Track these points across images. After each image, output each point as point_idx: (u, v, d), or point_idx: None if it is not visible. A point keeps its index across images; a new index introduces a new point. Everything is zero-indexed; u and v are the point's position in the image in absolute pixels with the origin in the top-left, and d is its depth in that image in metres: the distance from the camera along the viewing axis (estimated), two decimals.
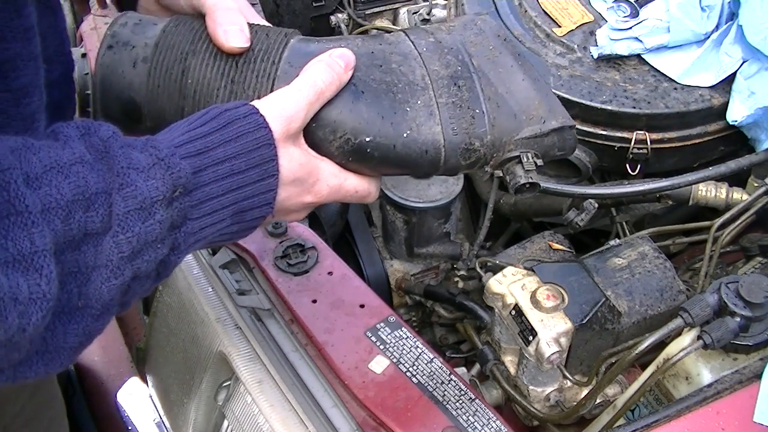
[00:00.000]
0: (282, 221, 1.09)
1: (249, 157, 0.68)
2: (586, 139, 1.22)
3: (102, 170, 0.59)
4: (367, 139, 0.77)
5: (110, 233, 0.59)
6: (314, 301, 1.02)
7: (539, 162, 0.82)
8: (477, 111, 0.80)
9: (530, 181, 0.81)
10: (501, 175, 0.84)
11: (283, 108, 0.72)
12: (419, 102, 0.79)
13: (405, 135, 0.78)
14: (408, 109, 0.79)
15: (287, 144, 0.73)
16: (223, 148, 0.67)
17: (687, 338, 0.93)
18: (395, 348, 0.97)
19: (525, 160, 0.81)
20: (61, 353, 0.58)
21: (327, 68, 0.75)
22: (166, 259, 0.65)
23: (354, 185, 0.79)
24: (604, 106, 1.20)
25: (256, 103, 0.72)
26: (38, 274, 0.53)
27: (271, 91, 0.76)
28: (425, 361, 0.96)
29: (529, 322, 1.02)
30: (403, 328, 0.99)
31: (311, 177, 0.75)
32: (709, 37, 1.22)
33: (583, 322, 1.01)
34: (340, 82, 0.76)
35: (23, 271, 0.52)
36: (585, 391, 1.07)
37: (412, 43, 0.83)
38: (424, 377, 0.94)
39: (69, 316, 0.58)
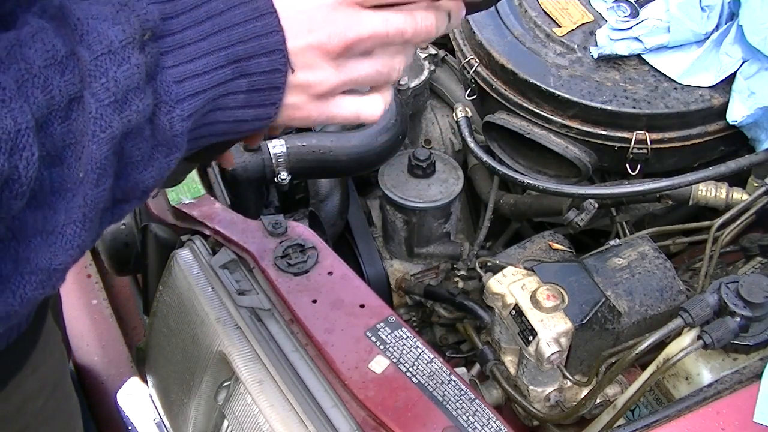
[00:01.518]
0: (281, 222, 1.08)
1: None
2: (586, 139, 1.23)
3: (65, 34, 0.54)
4: None
5: (85, 87, 0.54)
6: (314, 301, 1.02)
7: None
8: None
9: None
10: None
11: None
12: None
13: None
14: None
15: None
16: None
17: (687, 338, 0.93)
18: (395, 348, 0.97)
19: None
20: (66, 231, 0.55)
21: None
22: (155, 118, 0.58)
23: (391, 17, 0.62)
24: (604, 106, 1.20)
25: None
26: (19, 155, 0.50)
27: None
28: (425, 361, 0.96)
29: (529, 322, 1.02)
30: (403, 328, 0.99)
31: (320, 12, 0.61)
32: (709, 37, 1.22)
33: (583, 322, 1.01)
34: None
35: (7, 152, 0.49)
36: (585, 391, 1.07)
37: None
38: (424, 377, 0.94)
39: (72, 191, 0.54)
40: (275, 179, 1.22)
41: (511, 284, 1.06)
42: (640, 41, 1.22)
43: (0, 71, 0.50)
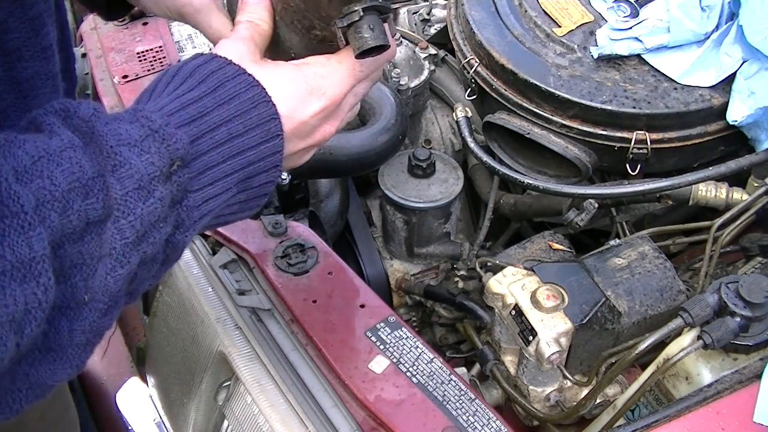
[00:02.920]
0: (281, 222, 1.09)
1: (246, 118, 0.63)
2: (586, 139, 1.22)
3: (93, 153, 0.54)
4: None
5: (111, 219, 0.54)
6: (314, 301, 1.02)
7: None
8: None
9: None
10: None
11: (239, 56, 0.68)
12: None
13: None
14: None
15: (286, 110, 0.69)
16: (218, 112, 0.62)
17: (687, 338, 0.93)
18: (395, 348, 0.97)
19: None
20: (68, 352, 0.54)
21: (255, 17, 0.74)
22: (171, 239, 0.61)
23: (351, 105, 0.75)
24: (604, 106, 1.20)
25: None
26: (35, 282, 0.49)
27: None
28: (425, 361, 0.96)
29: (529, 322, 1.02)
30: (403, 328, 0.99)
31: (305, 126, 0.70)
32: (709, 37, 1.22)
33: (583, 322, 1.01)
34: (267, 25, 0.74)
35: (20, 280, 0.48)
36: (585, 391, 1.07)
37: None
38: (424, 377, 0.94)
39: (75, 311, 0.54)
40: None
41: (511, 284, 1.06)
42: (640, 41, 1.22)
43: (23, 183, 0.49)
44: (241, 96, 0.63)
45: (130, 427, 1.35)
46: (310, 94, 0.69)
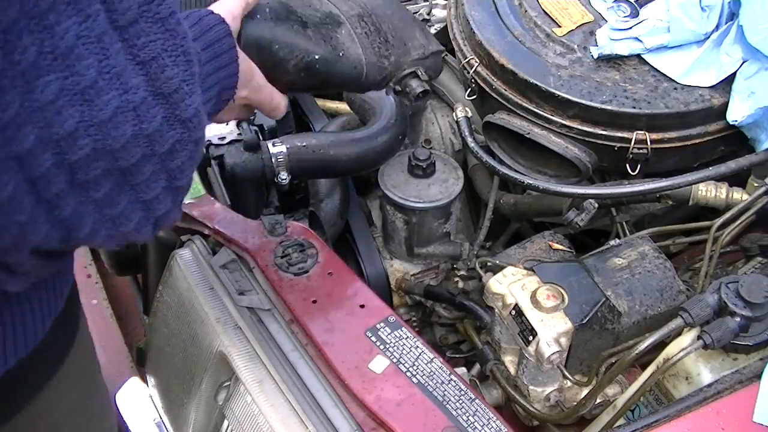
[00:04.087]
0: (281, 222, 1.11)
1: (221, 45, 0.83)
2: (586, 139, 1.22)
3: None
4: (316, 57, 1.02)
5: (197, 65, 0.68)
6: (314, 301, 1.02)
7: (425, 77, 1.11)
8: (381, 40, 1.08)
9: (425, 89, 1.10)
10: (400, 89, 1.11)
11: (228, 9, 0.90)
12: (343, 32, 1.06)
13: (341, 54, 1.04)
14: (338, 36, 1.05)
15: (235, 40, 0.88)
16: (205, 37, 0.82)
17: (687, 338, 0.93)
18: (395, 348, 0.97)
19: (420, 73, 1.10)
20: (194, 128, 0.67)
21: None
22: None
23: (272, 90, 0.95)
24: (604, 106, 1.20)
25: (211, 6, 0.88)
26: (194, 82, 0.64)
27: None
28: (425, 361, 0.96)
29: (529, 322, 1.02)
30: (403, 328, 0.99)
31: (249, 72, 0.90)
32: (709, 37, 1.22)
33: (583, 322, 1.01)
34: None
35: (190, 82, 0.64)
36: (585, 391, 1.07)
37: None
38: (424, 377, 0.94)
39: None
40: (275, 179, 1.22)
41: (511, 284, 1.06)
42: (640, 41, 1.22)
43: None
44: (216, 28, 0.83)
45: (130, 428, 1.35)
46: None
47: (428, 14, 1.66)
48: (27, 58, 0.53)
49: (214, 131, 1.36)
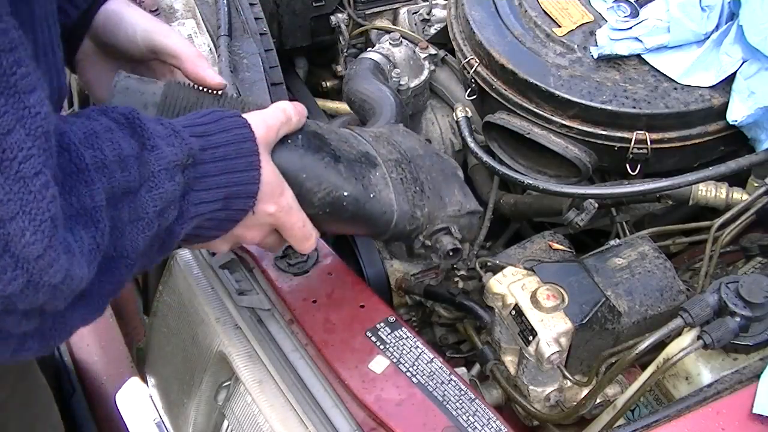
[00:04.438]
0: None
1: (238, 147, 0.79)
2: (586, 139, 1.22)
3: (129, 136, 0.68)
4: (345, 194, 0.93)
5: (144, 188, 0.68)
6: (314, 301, 1.02)
7: (458, 235, 1.02)
8: (417, 189, 1.01)
9: (456, 246, 1.01)
10: (429, 244, 1.03)
11: (263, 118, 0.84)
12: (377, 174, 0.98)
13: (371, 196, 0.96)
14: (371, 177, 0.97)
15: (264, 150, 0.83)
16: (218, 137, 0.78)
17: (687, 338, 0.93)
18: (395, 348, 0.97)
19: (453, 230, 1.02)
20: (95, 300, 0.66)
21: (291, 105, 0.91)
22: (171, 226, 0.73)
23: (304, 217, 0.89)
24: (604, 106, 1.20)
25: (247, 113, 0.84)
26: (95, 227, 0.60)
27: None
28: (425, 361, 0.96)
29: (529, 322, 1.02)
30: (403, 328, 0.99)
31: (279, 187, 0.85)
32: (709, 37, 1.22)
33: (583, 322, 1.01)
34: (299, 119, 0.90)
35: (84, 224, 0.60)
36: (585, 391, 1.07)
37: (358, 134, 1.03)
38: (424, 377, 0.94)
39: (107, 265, 0.65)
40: None
41: (511, 284, 1.06)
42: (640, 41, 1.22)
43: (82, 148, 0.63)
44: (236, 130, 0.79)
45: (130, 428, 1.35)
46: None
47: (428, 14, 1.65)
48: None
49: None
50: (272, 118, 0.85)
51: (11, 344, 0.62)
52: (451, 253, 1.02)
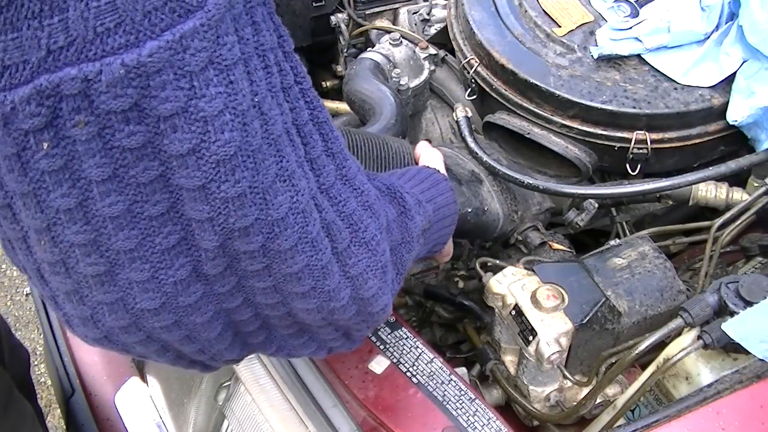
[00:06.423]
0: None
1: (445, 198, 0.96)
2: (586, 139, 1.23)
3: (420, 214, 0.88)
4: (469, 210, 1.15)
5: (405, 248, 0.83)
6: None
7: (543, 231, 1.24)
8: (511, 196, 1.23)
9: (543, 240, 1.23)
10: (521, 239, 1.25)
11: (441, 167, 1.03)
12: (484, 189, 1.21)
13: (486, 209, 1.18)
14: (482, 192, 1.19)
15: None
16: (439, 199, 0.95)
17: (687, 338, 0.93)
18: (395, 348, 0.97)
19: (540, 227, 1.25)
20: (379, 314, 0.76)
21: (438, 151, 1.09)
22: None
23: (450, 239, 1.06)
24: (604, 106, 1.20)
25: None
26: (396, 273, 0.80)
27: None
28: (425, 361, 0.96)
29: (529, 322, 1.02)
30: (403, 328, 0.99)
31: None
32: (709, 37, 1.22)
33: (583, 322, 1.01)
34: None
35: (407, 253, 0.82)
36: (585, 391, 1.07)
37: (457, 153, 1.25)
38: (424, 377, 0.94)
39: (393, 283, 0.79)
40: None
41: (511, 284, 1.06)
42: (640, 41, 1.22)
43: (418, 214, 0.86)
44: (440, 185, 0.96)
45: (130, 428, 1.35)
46: None
47: (428, 14, 1.65)
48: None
49: None
50: (442, 166, 1.04)
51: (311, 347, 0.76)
52: (537, 246, 1.22)
